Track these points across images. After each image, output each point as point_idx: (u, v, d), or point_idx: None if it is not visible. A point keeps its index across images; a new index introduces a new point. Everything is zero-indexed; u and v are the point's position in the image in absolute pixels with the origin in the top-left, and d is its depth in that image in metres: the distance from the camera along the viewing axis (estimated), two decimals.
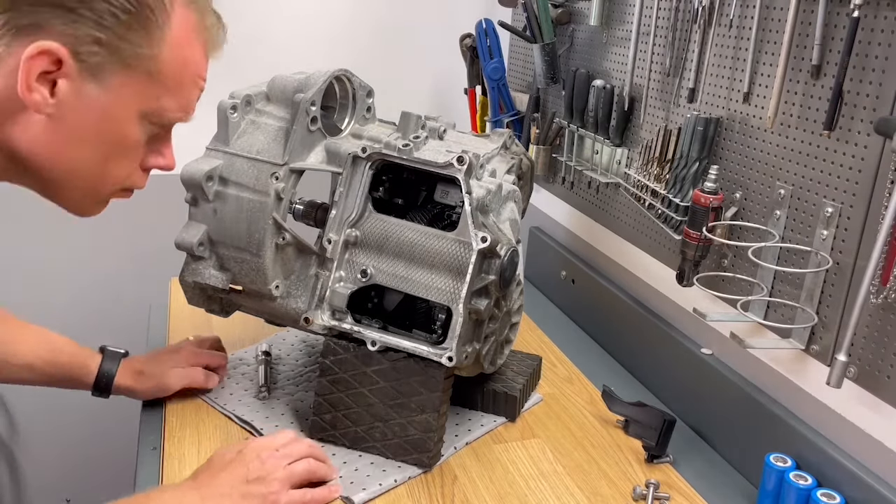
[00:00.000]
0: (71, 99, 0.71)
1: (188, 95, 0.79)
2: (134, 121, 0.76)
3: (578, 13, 1.46)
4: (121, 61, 0.72)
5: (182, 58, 0.76)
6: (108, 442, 1.71)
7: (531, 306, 1.48)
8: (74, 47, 0.69)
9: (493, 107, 1.62)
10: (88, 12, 0.68)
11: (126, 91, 0.73)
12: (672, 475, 1.04)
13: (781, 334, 1.01)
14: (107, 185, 0.80)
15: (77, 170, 0.76)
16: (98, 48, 0.70)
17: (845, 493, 0.90)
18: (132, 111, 0.75)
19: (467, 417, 1.14)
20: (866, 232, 0.88)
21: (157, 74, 0.75)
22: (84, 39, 0.69)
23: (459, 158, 0.98)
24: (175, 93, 0.77)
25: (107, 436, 1.66)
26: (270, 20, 1.77)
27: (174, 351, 1.16)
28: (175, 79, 0.76)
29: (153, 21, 0.72)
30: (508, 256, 0.99)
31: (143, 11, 0.71)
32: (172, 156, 0.85)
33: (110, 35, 0.70)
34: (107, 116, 0.74)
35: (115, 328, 1.72)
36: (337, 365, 1.03)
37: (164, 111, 0.78)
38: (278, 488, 0.89)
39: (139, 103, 0.75)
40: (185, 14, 0.76)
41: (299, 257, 1.08)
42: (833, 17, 0.90)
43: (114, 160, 0.78)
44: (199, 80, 0.80)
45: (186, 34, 0.76)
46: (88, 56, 0.70)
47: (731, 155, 1.09)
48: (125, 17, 0.70)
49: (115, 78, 0.72)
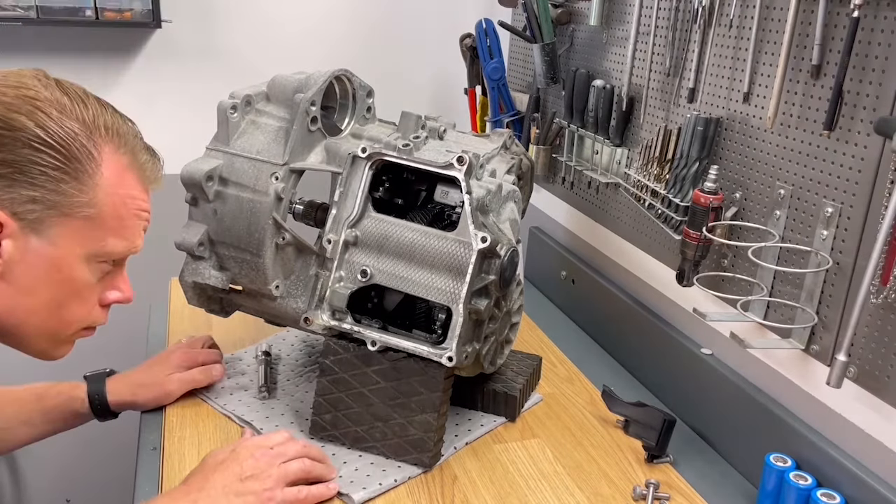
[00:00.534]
0: (17, 256, 0.75)
1: (131, 229, 0.82)
2: (81, 264, 0.79)
3: (578, 13, 1.46)
4: (58, 212, 0.75)
5: (118, 197, 0.79)
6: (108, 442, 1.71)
7: (531, 306, 1.48)
8: (12, 209, 0.73)
9: (493, 107, 1.62)
10: (20, 175, 0.72)
11: (68, 238, 0.77)
12: (672, 475, 1.04)
13: (781, 334, 1.01)
14: (66, 328, 0.83)
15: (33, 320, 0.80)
16: (34, 205, 0.74)
17: (845, 493, 0.90)
18: (77, 256, 0.79)
19: (467, 417, 1.14)
20: (866, 232, 0.88)
21: (96, 218, 0.78)
22: (19, 200, 0.73)
23: (459, 158, 0.98)
24: (118, 231, 0.81)
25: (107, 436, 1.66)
26: (270, 20, 1.77)
27: (166, 357, 1.16)
28: (115, 218, 0.80)
29: (83, 171, 0.76)
30: (508, 256, 0.99)
31: (71, 164, 0.75)
32: (129, 288, 0.88)
33: (44, 191, 0.74)
34: (54, 265, 0.77)
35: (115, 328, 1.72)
36: (337, 365, 1.03)
37: (109, 249, 0.81)
38: (273, 485, 0.89)
39: (83, 247, 0.79)
40: (115, 158, 0.79)
41: (299, 257, 1.08)
42: (833, 17, 0.90)
43: (67, 304, 0.81)
44: (141, 213, 0.83)
45: (119, 175, 0.79)
46: (27, 214, 0.74)
47: (731, 155, 1.09)
48: (55, 173, 0.74)
49: (55, 228, 0.76)
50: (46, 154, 0.73)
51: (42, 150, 0.73)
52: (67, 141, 0.75)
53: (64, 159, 0.74)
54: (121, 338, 1.57)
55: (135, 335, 1.47)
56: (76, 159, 0.75)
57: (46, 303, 0.79)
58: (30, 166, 0.73)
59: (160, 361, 1.16)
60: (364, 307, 1.05)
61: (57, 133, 0.74)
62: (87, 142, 0.76)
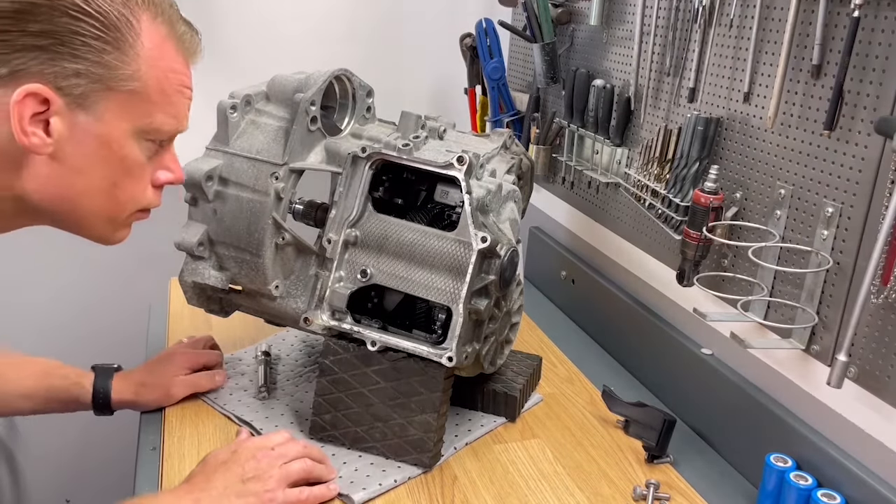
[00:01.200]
0: (66, 133, 0.73)
1: (176, 105, 0.81)
2: (130, 140, 0.78)
3: (578, 13, 1.46)
4: (103, 86, 0.73)
5: (161, 70, 0.77)
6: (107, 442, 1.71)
7: (531, 306, 1.48)
8: (56, 83, 0.71)
9: (493, 106, 1.62)
10: (62, 47, 0.70)
11: (115, 114, 0.75)
12: (672, 475, 1.04)
13: (782, 334, 1.00)
14: (121, 209, 0.82)
15: (88, 201, 0.78)
16: (79, 79, 0.72)
17: (846, 493, 0.90)
18: (125, 131, 0.77)
19: (467, 417, 1.14)
20: (867, 232, 0.88)
21: (140, 91, 0.76)
22: (63, 73, 0.71)
23: (459, 158, 0.98)
24: (163, 105, 0.79)
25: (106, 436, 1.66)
26: (270, 20, 1.77)
27: (169, 357, 1.16)
28: (159, 91, 0.78)
29: (124, 40, 0.74)
30: (508, 256, 0.99)
31: (111, 33, 0.73)
32: (180, 169, 0.87)
33: (87, 63, 0.72)
34: (103, 142, 0.76)
35: (115, 328, 1.73)
36: (337, 365, 1.03)
37: (156, 125, 0.79)
38: (274, 486, 0.89)
39: (130, 122, 0.77)
40: (154, 27, 0.77)
41: (299, 257, 1.08)
42: (833, 17, 0.90)
43: (121, 183, 0.80)
44: (184, 88, 0.81)
45: (160, 46, 0.77)
46: (71, 88, 0.72)
47: (731, 155, 1.09)
48: (97, 42, 0.72)
49: (101, 103, 0.74)
50: (85, 23, 0.71)
51: (81, 19, 0.71)
52: (105, 8, 0.72)
53: (104, 27, 0.72)
54: (121, 338, 1.57)
55: (135, 335, 1.47)
56: (115, 27, 0.73)
57: (99, 182, 0.78)
58: (70, 36, 0.70)
59: (162, 362, 1.15)
60: (364, 307, 1.05)
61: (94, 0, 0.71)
62: (124, 9, 0.74)
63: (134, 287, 1.67)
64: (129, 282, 1.77)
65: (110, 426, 1.16)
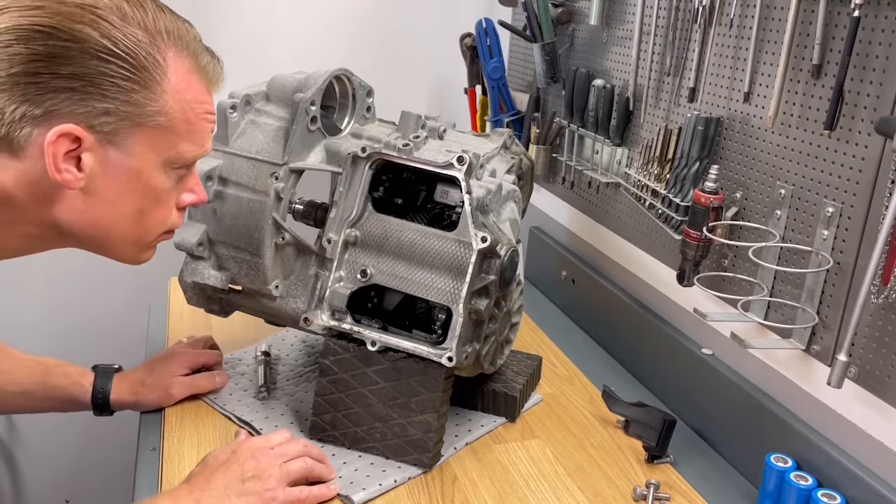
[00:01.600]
0: (98, 168, 0.76)
1: (202, 133, 0.83)
2: (159, 171, 0.81)
3: (578, 12, 1.46)
4: (132, 123, 0.76)
5: (187, 102, 0.80)
6: (107, 442, 1.71)
7: (531, 306, 1.48)
8: (88, 122, 0.73)
9: (493, 106, 1.62)
10: (92, 88, 0.72)
11: (144, 147, 0.78)
12: (672, 475, 1.04)
13: (782, 334, 1.00)
14: (149, 234, 0.85)
15: (118, 229, 0.81)
16: (109, 117, 0.74)
17: (846, 493, 0.90)
18: (155, 163, 0.80)
19: (467, 418, 1.14)
20: (867, 232, 0.88)
21: (168, 125, 0.78)
22: (94, 113, 0.73)
23: (459, 158, 0.98)
24: (189, 136, 0.81)
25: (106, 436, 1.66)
26: (270, 20, 1.77)
27: (169, 357, 1.16)
28: (185, 123, 0.80)
29: (152, 79, 0.76)
30: (508, 256, 0.98)
31: (140, 73, 0.75)
32: (203, 191, 0.90)
33: (117, 103, 0.74)
34: (133, 175, 0.78)
35: (115, 328, 1.73)
36: (337, 365, 1.03)
37: (182, 154, 0.82)
38: (275, 485, 0.89)
39: (159, 154, 0.80)
40: (180, 62, 0.79)
41: (299, 257, 1.08)
42: (834, 17, 0.90)
43: (149, 211, 0.83)
44: (208, 115, 0.84)
45: (185, 80, 0.80)
46: (102, 126, 0.74)
47: (731, 155, 1.09)
48: (126, 83, 0.74)
49: (131, 139, 0.76)
50: (115, 65, 0.73)
51: (110, 61, 0.73)
52: (134, 49, 0.74)
53: (132, 69, 0.74)
54: (121, 338, 1.57)
55: (134, 335, 1.47)
56: (144, 68, 0.75)
57: (130, 212, 0.80)
58: (100, 78, 0.73)
59: (162, 362, 1.15)
60: (364, 307, 1.05)
61: (122, 42, 0.73)
62: (151, 49, 0.76)
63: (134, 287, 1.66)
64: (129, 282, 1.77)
65: (110, 426, 1.16)
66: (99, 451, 1.83)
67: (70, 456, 1.88)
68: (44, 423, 1.66)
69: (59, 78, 0.71)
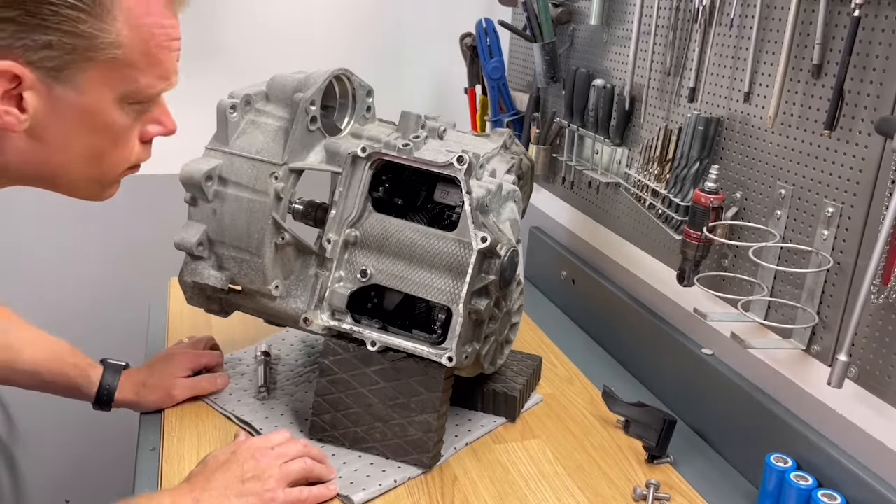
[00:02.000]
0: (43, 107, 0.68)
1: (165, 63, 0.75)
2: (115, 108, 0.73)
3: (579, 12, 1.46)
4: (81, 56, 0.68)
5: (145, 29, 0.71)
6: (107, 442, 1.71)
7: (531, 306, 1.48)
8: (28, 58, 0.65)
9: (493, 106, 1.62)
10: (30, 17, 0.64)
11: (97, 83, 0.70)
12: (672, 475, 1.04)
13: (782, 334, 1.00)
14: (109, 172, 0.78)
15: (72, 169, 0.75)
16: (51, 51, 0.66)
17: (846, 493, 0.90)
18: (109, 100, 0.72)
19: (467, 418, 1.14)
20: (867, 232, 0.88)
21: (123, 57, 0.70)
22: (34, 47, 0.65)
23: (459, 158, 0.98)
24: (150, 67, 0.73)
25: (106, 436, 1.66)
26: (270, 20, 1.77)
27: (171, 358, 1.16)
28: (145, 53, 0.72)
29: (101, 4, 0.67)
30: (508, 256, 0.98)
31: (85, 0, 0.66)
32: (171, 120, 0.81)
33: (59, 34, 0.66)
34: (85, 113, 0.71)
35: (115, 328, 1.72)
36: (336, 365, 1.03)
37: (143, 90, 0.74)
38: (274, 486, 0.89)
39: (114, 89, 0.72)
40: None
41: (299, 257, 1.08)
42: (834, 17, 0.90)
43: (107, 150, 0.76)
44: (172, 42, 0.75)
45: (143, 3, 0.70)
46: (44, 61, 0.66)
47: (731, 155, 1.09)
48: (69, 11, 0.65)
49: (80, 74, 0.69)
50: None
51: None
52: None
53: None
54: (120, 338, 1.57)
55: (134, 335, 1.47)
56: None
57: (84, 152, 0.73)
58: (38, 6, 0.64)
59: (163, 363, 1.15)
60: (364, 307, 1.05)
61: None
62: None
63: (134, 287, 1.66)
64: (128, 282, 1.77)
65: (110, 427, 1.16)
66: (99, 452, 1.83)
67: (70, 456, 1.88)
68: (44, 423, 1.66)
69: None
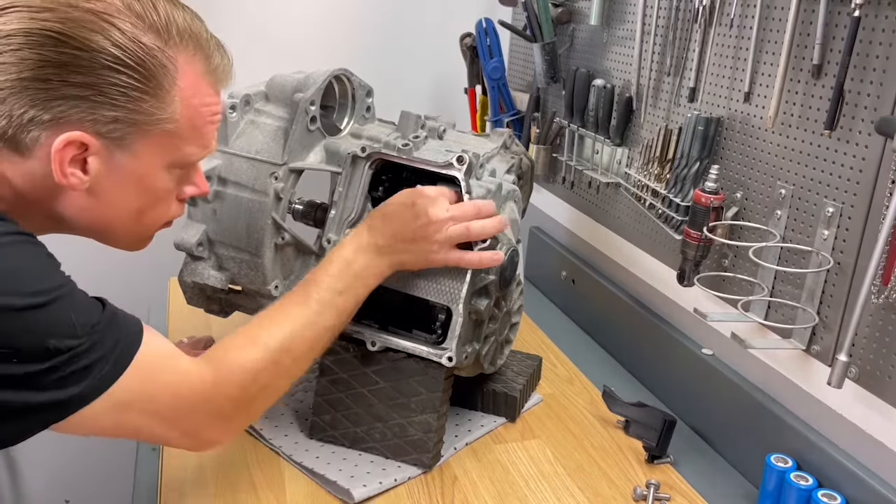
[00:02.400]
0: (103, 171, 0.76)
1: (207, 135, 0.84)
2: (162, 172, 0.81)
3: (579, 12, 1.46)
4: (140, 129, 0.76)
5: (194, 107, 0.80)
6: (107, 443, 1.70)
7: (531, 306, 1.48)
8: (96, 129, 0.74)
9: (493, 106, 1.62)
10: (102, 97, 0.73)
11: (150, 151, 0.78)
12: (673, 475, 1.04)
13: (782, 334, 1.00)
14: (150, 227, 0.86)
15: (119, 224, 0.83)
16: (117, 125, 0.75)
17: (846, 493, 0.90)
18: (159, 166, 0.80)
19: (467, 418, 1.14)
20: (867, 232, 0.88)
21: (175, 130, 0.79)
22: (103, 121, 0.74)
23: (459, 158, 0.98)
24: (194, 138, 0.82)
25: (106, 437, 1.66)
26: (270, 20, 1.77)
27: None
28: (192, 127, 0.80)
29: (161, 87, 0.76)
30: (508, 256, 0.98)
31: (150, 83, 0.75)
32: (205, 183, 0.90)
33: (125, 111, 0.74)
34: (137, 177, 0.79)
35: None
36: (337, 365, 1.03)
37: (187, 156, 0.82)
38: (437, 249, 0.94)
39: (164, 157, 0.80)
40: (191, 66, 0.79)
41: (299, 257, 1.08)
42: (834, 17, 0.90)
43: (151, 208, 0.84)
44: (214, 117, 0.84)
45: (195, 84, 0.80)
46: (110, 133, 0.75)
47: (731, 155, 1.09)
48: (134, 93, 0.74)
49: (137, 144, 0.77)
50: (125, 75, 0.73)
51: (120, 71, 0.73)
52: (144, 59, 0.74)
53: (142, 78, 0.75)
54: None
55: None
56: (153, 77, 0.75)
57: (131, 210, 0.82)
58: (110, 88, 0.73)
59: None
60: (364, 307, 1.05)
61: (133, 51, 0.74)
62: (162, 56, 0.76)
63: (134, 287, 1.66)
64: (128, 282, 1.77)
65: None
66: (99, 451, 1.83)
67: (70, 456, 1.88)
68: None
69: (68, 86, 0.71)
